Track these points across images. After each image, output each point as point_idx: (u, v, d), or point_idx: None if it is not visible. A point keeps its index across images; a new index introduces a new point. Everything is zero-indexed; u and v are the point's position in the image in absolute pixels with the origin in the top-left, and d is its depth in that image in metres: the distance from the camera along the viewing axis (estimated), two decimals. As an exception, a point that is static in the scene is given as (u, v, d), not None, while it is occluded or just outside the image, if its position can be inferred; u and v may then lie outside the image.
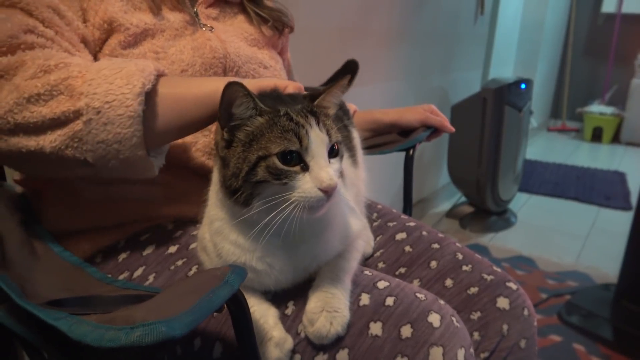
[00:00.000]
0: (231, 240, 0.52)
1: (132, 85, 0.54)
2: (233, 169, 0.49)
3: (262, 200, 0.48)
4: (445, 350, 0.51)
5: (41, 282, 0.53)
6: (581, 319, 1.65)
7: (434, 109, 1.02)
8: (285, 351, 0.51)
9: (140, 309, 0.36)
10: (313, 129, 0.48)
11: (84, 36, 0.65)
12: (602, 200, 2.82)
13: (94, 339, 0.32)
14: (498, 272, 0.69)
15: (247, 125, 0.49)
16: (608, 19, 4.52)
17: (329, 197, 0.48)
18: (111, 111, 0.53)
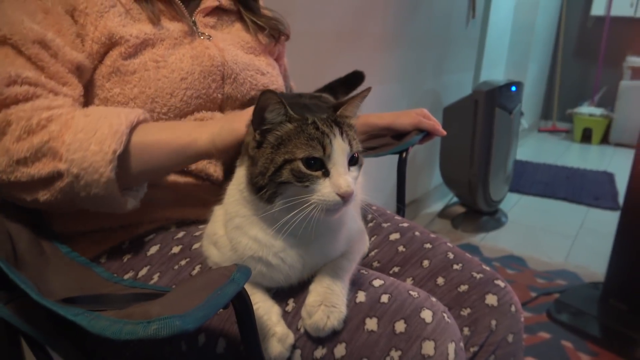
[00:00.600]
0: (251, 235, 0.55)
1: (103, 153, 0.59)
2: (260, 168, 0.52)
3: (284, 200, 0.51)
4: (437, 344, 0.54)
5: (53, 281, 0.55)
6: (570, 316, 1.69)
7: (426, 113, 1.05)
8: (287, 346, 0.54)
9: (156, 304, 0.39)
10: (336, 139, 0.52)
11: (77, 61, 0.66)
12: (591, 201, 2.88)
13: (113, 332, 0.35)
14: (487, 271, 0.73)
15: (277, 129, 0.53)
16: (597, 22, 4.59)
17: (345, 202, 0.51)
18: (87, 176, 0.59)
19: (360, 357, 0.54)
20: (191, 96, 0.74)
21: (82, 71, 0.68)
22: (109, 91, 0.70)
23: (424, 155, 2.58)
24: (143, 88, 0.71)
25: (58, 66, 0.64)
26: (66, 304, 0.44)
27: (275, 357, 0.53)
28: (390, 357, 0.53)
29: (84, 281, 0.59)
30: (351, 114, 0.58)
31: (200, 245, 0.66)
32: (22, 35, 0.62)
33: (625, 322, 1.61)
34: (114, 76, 0.70)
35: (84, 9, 0.68)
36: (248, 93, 0.83)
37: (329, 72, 1.69)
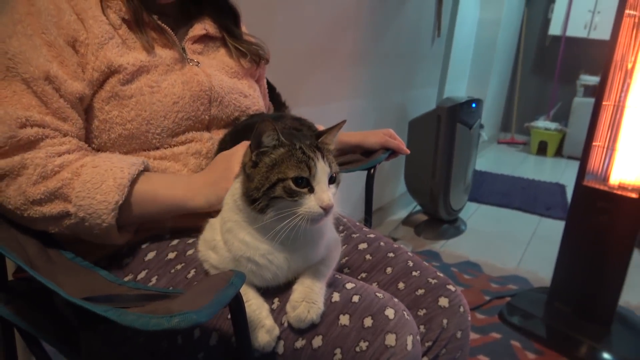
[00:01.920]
0: (239, 238, 0.65)
1: (107, 203, 0.69)
2: (256, 184, 0.61)
3: (275, 211, 0.61)
4: (398, 337, 0.64)
5: (64, 284, 0.63)
6: (519, 318, 1.82)
7: (392, 133, 1.16)
8: (274, 337, 0.64)
9: (176, 302, 0.47)
10: (319, 162, 0.62)
11: (78, 93, 0.73)
12: (543, 211, 3.07)
13: (141, 324, 0.44)
14: (441, 277, 0.84)
15: (272, 152, 0.62)
16: (554, 41, 4.87)
17: (326, 213, 0.61)
18: (91, 220, 0.69)
19: (334, 347, 0.64)
20: (182, 118, 0.82)
21: (83, 100, 0.75)
22: (108, 113, 0.77)
23: (390, 165, 2.69)
24: (139, 111, 0.78)
25: (61, 101, 0.72)
26: (91, 302, 0.52)
27: (264, 346, 0.63)
28: (359, 347, 0.63)
29: (92, 283, 0.67)
30: (330, 141, 0.68)
31: (194, 252, 0.74)
32: (32, 73, 0.69)
33: (569, 324, 1.75)
34: (113, 100, 0.77)
35: (84, 40, 0.75)
36: (232, 114, 0.91)
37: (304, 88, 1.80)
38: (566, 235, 1.77)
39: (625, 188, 1.62)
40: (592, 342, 1.68)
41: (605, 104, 1.62)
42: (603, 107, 1.63)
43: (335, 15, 1.85)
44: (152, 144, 0.80)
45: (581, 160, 1.69)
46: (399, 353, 0.63)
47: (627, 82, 1.59)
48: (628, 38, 1.56)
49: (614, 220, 1.61)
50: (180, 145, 0.83)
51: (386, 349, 0.63)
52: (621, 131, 1.63)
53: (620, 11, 1.54)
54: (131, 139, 0.79)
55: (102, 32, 0.76)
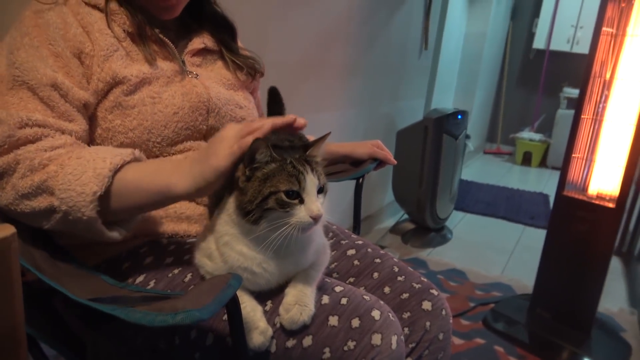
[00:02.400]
0: (237, 250, 0.68)
1: (85, 194, 0.66)
2: (249, 197, 0.65)
3: (268, 222, 0.65)
4: (383, 336, 0.68)
5: (69, 287, 0.66)
6: (503, 324, 1.87)
7: (380, 144, 1.21)
8: (268, 337, 0.67)
9: (180, 301, 0.51)
10: (308, 175, 0.66)
11: (84, 100, 0.76)
12: (527, 220, 3.14)
13: (148, 321, 0.48)
14: (424, 282, 0.88)
15: (264, 167, 0.66)
16: (538, 55, 4.99)
17: (316, 222, 0.65)
18: (73, 213, 0.67)
19: (323, 346, 0.68)
20: (181, 128, 0.86)
21: (88, 107, 0.78)
22: (111, 122, 0.80)
23: (378, 174, 2.74)
24: (141, 120, 0.81)
25: (67, 106, 0.75)
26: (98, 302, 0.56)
27: (258, 346, 0.66)
28: (347, 346, 0.67)
29: (95, 286, 0.70)
30: (317, 153, 0.72)
31: (191, 257, 0.78)
32: (38, 80, 0.72)
33: (550, 330, 1.80)
34: (116, 109, 0.80)
35: (89, 52, 0.78)
36: (228, 124, 0.96)
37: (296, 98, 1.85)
38: (547, 244, 1.83)
39: (603, 198, 1.69)
40: (572, 348, 1.73)
41: (584, 117, 1.69)
42: (582, 120, 1.70)
43: (326, 29, 1.91)
44: (152, 152, 0.84)
45: (561, 171, 1.75)
46: (384, 352, 0.68)
47: (605, 96, 1.67)
48: (605, 54, 1.64)
49: (592, 229, 1.67)
50: (178, 153, 0.87)
51: (372, 347, 0.68)
52: (599, 143, 1.70)
53: (598, 28, 1.61)
54: (132, 147, 0.82)
55: (107, 44, 0.79)
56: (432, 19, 2.87)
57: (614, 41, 1.62)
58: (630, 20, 1.56)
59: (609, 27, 1.61)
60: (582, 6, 4.48)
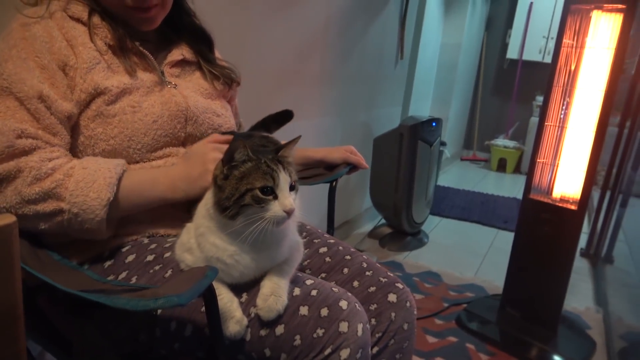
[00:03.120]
0: (210, 241, 0.74)
1: (100, 199, 0.77)
2: (227, 194, 0.71)
3: (245, 218, 0.70)
4: (350, 324, 0.74)
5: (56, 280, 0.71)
6: (474, 323, 1.94)
7: (353, 149, 1.27)
8: (243, 326, 0.73)
9: (161, 289, 0.56)
10: (281, 172, 0.72)
11: (68, 111, 0.81)
12: (501, 224, 3.23)
13: (132, 305, 0.53)
14: (390, 276, 0.95)
15: (241, 167, 0.72)
16: (512, 64, 5.14)
17: (289, 216, 0.71)
18: (85, 215, 0.77)
19: (294, 334, 0.73)
20: (160, 135, 0.90)
21: (71, 119, 0.83)
22: (93, 130, 0.85)
23: (356, 181, 2.81)
24: (122, 129, 0.86)
25: (52, 119, 0.80)
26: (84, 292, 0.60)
27: (234, 335, 0.71)
28: (316, 334, 0.73)
29: (80, 281, 0.74)
30: (288, 154, 0.78)
31: (171, 254, 0.83)
32: (25, 93, 0.77)
33: (519, 328, 1.87)
34: (98, 118, 0.85)
35: (73, 64, 0.83)
36: (206, 131, 0.99)
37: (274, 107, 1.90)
38: (515, 245, 1.91)
39: (567, 201, 1.78)
40: (540, 344, 1.81)
41: (547, 125, 1.79)
42: (546, 127, 1.79)
43: (304, 40, 1.97)
44: (133, 158, 0.88)
45: (527, 175, 1.84)
46: (350, 338, 0.73)
47: (567, 104, 1.76)
48: (566, 64, 1.74)
49: (556, 230, 1.76)
50: (158, 159, 0.91)
51: (339, 334, 0.73)
52: (562, 149, 1.79)
53: (559, 40, 1.71)
54: (114, 154, 0.86)
55: (90, 57, 0.84)
56: (407, 30, 2.97)
57: (574, 52, 1.72)
58: (588, 33, 1.66)
59: (569, 39, 1.71)
60: (552, 18, 4.66)
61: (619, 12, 1.58)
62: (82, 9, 0.86)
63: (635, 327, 1.72)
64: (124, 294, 0.58)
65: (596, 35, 1.65)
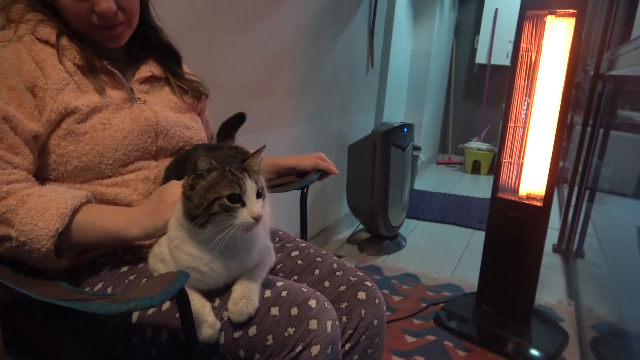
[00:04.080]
0: (186, 251, 0.76)
1: (48, 230, 0.75)
2: (195, 204, 0.73)
3: (214, 225, 0.73)
4: (319, 322, 0.78)
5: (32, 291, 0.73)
6: (452, 321, 1.99)
7: (323, 156, 1.31)
8: (216, 330, 0.75)
9: (133, 292, 0.59)
10: (247, 180, 0.75)
11: (34, 132, 0.82)
12: (476, 224, 3.31)
13: (105, 310, 0.56)
14: (360, 275, 0.99)
15: (207, 176, 0.74)
16: (481, 69, 5.28)
17: (257, 222, 0.74)
18: (31, 244, 0.76)
19: (267, 334, 0.76)
20: (132, 150, 0.93)
21: (38, 139, 0.84)
22: (65, 148, 0.87)
23: (333, 188, 2.85)
24: (93, 145, 0.88)
25: (16, 138, 0.81)
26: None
27: (208, 339, 0.74)
28: (287, 332, 0.76)
29: (56, 291, 0.76)
30: (254, 164, 0.81)
31: (145, 264, 0.85)
32: None
33: (494, 323, 1.93)
34: (69, 137, 0.87)
35: (42, 86, 0.84)
36: (177, 144, 1.02)
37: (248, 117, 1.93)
38: (486, 244, 1.96)
39: (533, 198, 1.85)
40: (515, 338, 1.86)
41: (510, 125, 1.86)
42: (509, 128, 1.87)
43: (273, 52, 2.01)
44: (105, 173, 0.91)
45: (495, 175, 1.91)
46: (320, 335, 0.77)
47: (528, 105, 1.84)
48: (526, 68, 1.82)
49: (524, 227, 1.82)
50: (130, 173, 0.94)
51: (309, 332, 0.77)
52: (526, 148, 1.87)
53: (517, 44, 1.79)
54: (86, 170, 0.89)
55: (59, 79, 0.86)
56: (377, 39, 3.04)
57: (532, 56, 1.80)
58: (543, 37, 1.75)
59: (526, 44, 1.79)
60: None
61: (571, 16, 1.66)
62: (50, 31, 0.89)
63: (604, 318, 1.79)
64: (98, 300, 0.61)
65: (551, 38, 1.73)
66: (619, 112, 2.17)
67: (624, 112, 2.12)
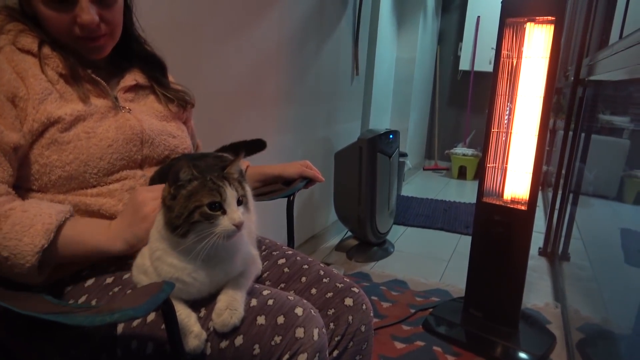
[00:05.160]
0: (168, 263, 0.76)
1: (33, 245, 0.75)
2: (177, 213, 0.73)
3: (196, 234, 0.73)
4: (306, 329, 0.77)
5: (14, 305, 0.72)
6: (440, 326, 1.99)
7: (308, 164, 1.32)
8: (202, 340, 0.75)
9: (117, 303, 0.59)
10: (227, 188, 0.75)
11: (14, 143, 0.81)
12: (463, 229, 3.33)
13: (89, 322, 0.55)
14: (346, 282, 0.99)
15: (187, 186, 0.74)
16: (465, 75, 5.34)
17: (239, 229, 0.74)
18: (15, 259, 0.75)
19: (253, 343, 0.76)
20: (117, 159, 0.92)
21: (18, 150, 0.83)
22: (48, 158, 0.86)
23: (320, 195, 2.85)
24: (77, 154, 0.87)
25: None
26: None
27: (194, 349, 0.73)
28: (274, 341, 0.76)
29: (39, 305, 0.75)
30: (234, 171, 0.81)
31: (130, 275, 0.85)
32: None
33: (482, 327, 1.94)
34: (52, 146, 0.86)
35: (24, 96, 0.84)
36: (163, 153, 1.02)
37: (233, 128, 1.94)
38: (473, 248, 1.98)
39: (517, 202, 1.87)
40: (503, 342, 1.88)
41: (493, 131, 1.88)
42: (492, 134, 1.89)
43: (257, 61, 2.02)
44: (90, 182, 0.90)
45: (479, 179, 1.93)
46: (306, 343, 0.77)
47: (510, 110, 1.87)
48: (507, 74, 1.85)
49: (509, 231, 1.84)
50: (115, 182, 0.93)
51: (296, 340, 0.77)
52: (510, 153, 1.89)
53: (498, 50, 1.82)
54: (70, 180, 0.88)
55: (41, 89, 0.85)
56: (361, 47, 3.06)
57: (513, 62, 1.83)
58: (523, 44, 1.78)
59: (507, 50, 1.82)
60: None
61: (550, 23, 1.69)
62: (31, 41, 0.88)
63: (590, 319, 1.81)
64: (82, 312, 0.60)
65: (531, 45, 1.76)
66: (599, 117, 2.22)
67: (604, 116, 2.16)
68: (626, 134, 1.81)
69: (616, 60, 1.56)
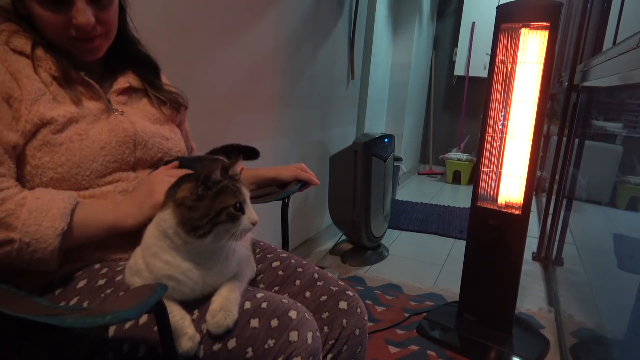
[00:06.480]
0: (163, 259, 0.75)
1: (54, 228, 0.78)
2: (201, 214, 0.73)
3: (215, 235, 0.74)
4: (300, 333, 0.77)
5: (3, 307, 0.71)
6: (435, 331, 1.99)
7: (303, 166, 1.32)
8: (196, 342, 0.74)
9: (109, 305, 0.58)
10: (244, 189, 0.77)
11: (13, 142, 0.82)
12: (457, 234, 3.33)
13: (80, 323, 0.54)
14: (341, 285, 0.99)
15: (215, 186, 0.75)
16: (460, 81, 5.37)
17: (254, 226, 0.77)
18: (37, 244, 0.77)
19: (246, 346, 0.75)
20: (109, 161, 0.92)
21: (17, 148, 0.83)
22: (40, 159, 0.85)
23: (315, 199, 2.85)
24: (70, 156, 0.87)
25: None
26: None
27: (187, 351, 0.73)
28: (267, 345, 0.75)
29: (30, 307, 0.74)
30: (235, 173, 0.82)
31: (122, 277, 0.84)
32: None
33: (476, 332, 1.94)
34: (45, 147, 0.85)
35: (18, 96, 0.83)
36: (156, 155, 1.02)
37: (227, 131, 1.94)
38: (467, 252, 1.98)
39: (511, 206, 1.87)
40: (497, 346, 1.88)
41: (488, 135, 1.89)
42: (487, 138, 1.90)
43: (253, 64, 2.02)
44: (82, 184, 0.89)
45: (474, 184, 1.94)
46: (300, 347, 0.76)
47: (505, 116, 1.88)
48: (502, 79, 1.86)
49: (503, 235, 1.85)
50: (108, 184, 0.92)
51: (290, 344, 0.76)
52: (504, 158, 1.90)
53: (493, 56, 1.83)
54: (62, 182, 0.87)
55: (34, 89, 0.85)
56: (357, 51, 3.07)
57: (508, 67, 1.84)
58: (518, 49, 1.79)
59: (501, 55, 1.83)
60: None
61: (544, 29, 1.71)
62: (24, 42, 0.88)
63: (584, 324, 1.82)
64: (73, 314, 0.59)
65: (525, 50, 1.77)
66: (593, 122, 2.23)
67: (597, 122, 2.18)
68: (619, 140, 1.82)
69: (610, 66, 1.57)
